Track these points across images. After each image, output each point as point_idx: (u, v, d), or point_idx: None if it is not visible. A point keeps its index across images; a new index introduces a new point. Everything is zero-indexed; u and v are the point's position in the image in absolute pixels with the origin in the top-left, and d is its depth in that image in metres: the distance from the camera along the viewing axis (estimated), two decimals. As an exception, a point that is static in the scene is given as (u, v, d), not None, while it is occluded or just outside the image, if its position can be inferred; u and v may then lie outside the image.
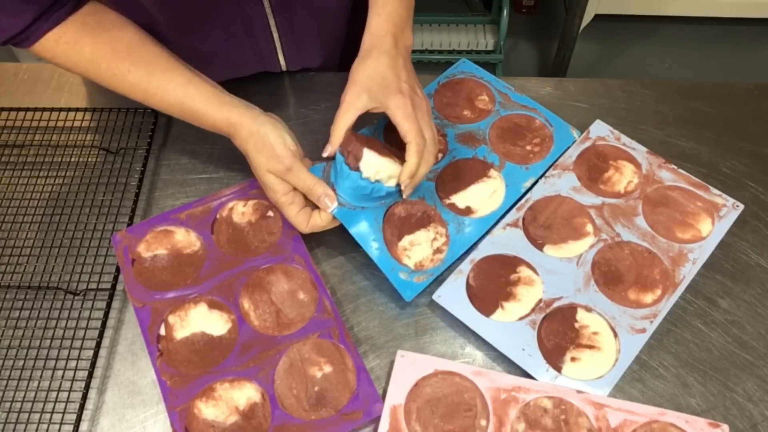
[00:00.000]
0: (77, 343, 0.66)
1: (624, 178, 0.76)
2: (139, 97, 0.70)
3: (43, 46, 0.67)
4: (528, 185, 0.76)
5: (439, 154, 0.77)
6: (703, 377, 0.65)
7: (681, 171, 0.76)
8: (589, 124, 0.80)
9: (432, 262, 0.70)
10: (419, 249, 0.70)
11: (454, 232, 0.72)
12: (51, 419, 0.62)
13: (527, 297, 0.68)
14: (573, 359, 0.64)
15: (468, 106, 0.82)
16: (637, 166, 0.77)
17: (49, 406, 0.63)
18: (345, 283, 0.71)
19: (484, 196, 0.75)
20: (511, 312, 0.67)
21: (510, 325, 0.66)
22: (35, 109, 0.83)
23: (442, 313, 0.68)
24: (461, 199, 0.74)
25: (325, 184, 0.67)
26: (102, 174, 0.78)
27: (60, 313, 0.68)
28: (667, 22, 2.17)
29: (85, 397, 0.63)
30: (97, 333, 0.67)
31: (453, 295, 0.68)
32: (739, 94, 0.86)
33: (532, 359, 0.64)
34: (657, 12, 2.10)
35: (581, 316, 0.67)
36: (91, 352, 0.65)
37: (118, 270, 0.70)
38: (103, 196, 0.76)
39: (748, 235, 0.73)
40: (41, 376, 0.65)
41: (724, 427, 0.60)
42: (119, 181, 0.78)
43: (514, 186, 0.76)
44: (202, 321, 0.66)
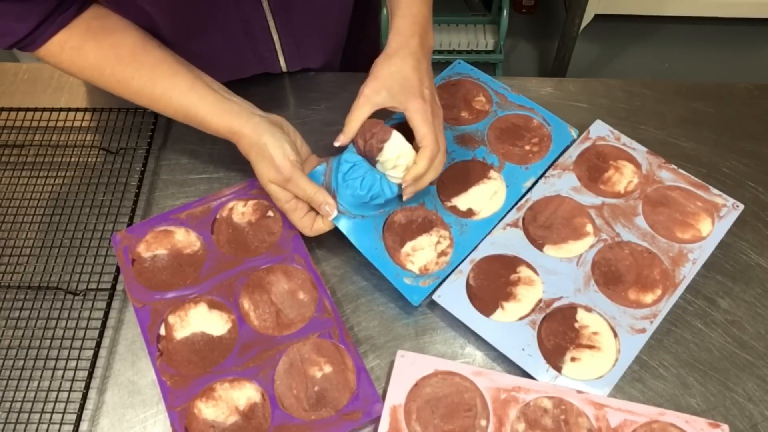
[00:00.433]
0: (77, 343, 0.66)
1: (624, 178, 0.76)
2: (145, 103, 0.71)
3: (48, 50, 0.68)
4: (528, 185, 0.76)
5: None
6: (703, 377, 0.65)
7: (681, 171, 0.76)
8: (589, 124, 0.80)
9: (437, 265, 0.70)
10: (422, 253, 0.70)
11: (458, 234, 0.72)
12: (51, 419, 0.62)
13: (527, 297, 0.68)
14: (573, 359, 0.64)
15: (465, 107, 0.82)
16: (637, 166, 0.77)
17: (49, 406, 0.63)
18: (345, 283, 0.71)
19: (485, 197, 0.75)
20: (511, 312, 0.67)
21: (510, 325, 0.66)
22: (35, 109, 0.83)
23: (442, 313, 0.68)
24: (463, 201, 0.74)
25: (326, 192, 0.68)
26: (102, 174, 0.78)
27: (60, 313, 0.68)
28: (667, 22, 2.17)
29: (85, 397, 0.63)
30: (97, 333, 0.67)
31: (453, 295, 0.68)
32: (740, 94, 0.86)
33: (532, 359, 0.64)
34: (657, 12, 2.10)
35: (581, 316, 0.67)
36: (91, 352, 0.65)
37: (118, 270, 0.70)
38: (103, 196, 0.76)
39: (748, 235, 0.73)
40: (41, 376, 0.65)
41: (724, 427, 0.60)
42: (119, 181, 0.78)
43: (515, 186, 0.76)
44: (202, 321, 0.66)
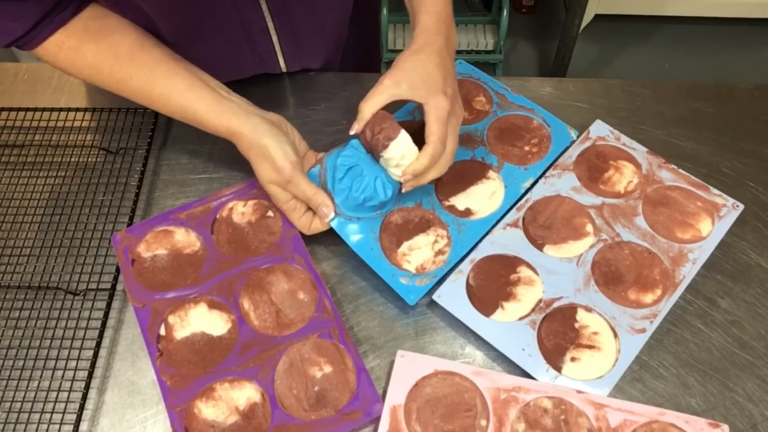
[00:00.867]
0: (77, 343, 0.66)
1: (624, 178, 0.76)
2: (144, 102, 0.71)
3: (46, 50, 0.68)
4: (527, 186, 0.76)
5: None
6: (703, 377, 0.65)
7: (681, 171, 0.76)
8: (589, 124, 0.80)
9: (434, 264, 0.70)
10: (419, 253, 0.70)
11: (456, 233, 0.72)
12: (51, 419, 0.62)
13: (527, 297, 0.68)
14: (573, 359, 0.64)
15: (465, 107, 0.82)
16: (637, 166, 0.77)
17: (49, 406, 0.63)
18: (345, 283, 0.71)
19: (483, 197, 0.75)
20: (511, 312, 0.67)
21: (510, 325, 0.66)
22: (35, 109, 0.83)
23: (442, 313, 0.68)
24: (461, 200, 0.74)
25: (324, 193, 0.68)
26: (102, 174, 0.78)
27: (60, 313, 0.68)
28: (667, 22, 2.17)
29: (85, 397, 0.63)
30: (97, 333, 0.67)
31: (453, 295, 0.68)
32: (739, 94, 0.85)
33: (532, 359, 0.64)
34: (657, 12, 2.10)
35: (581, 316, 0.67)
36: (91, 352, 0.65)
37: (118, 270, 0.70)
38: (103, 196, 0.76)
39: (748, 235, 0.73)
40: (41, 376, 0.65)
41: (724, 427, 0.60)
42: (119, 181, 0.78)
43: (513, 187, 0.76)
44: (202, 321, 0.66)
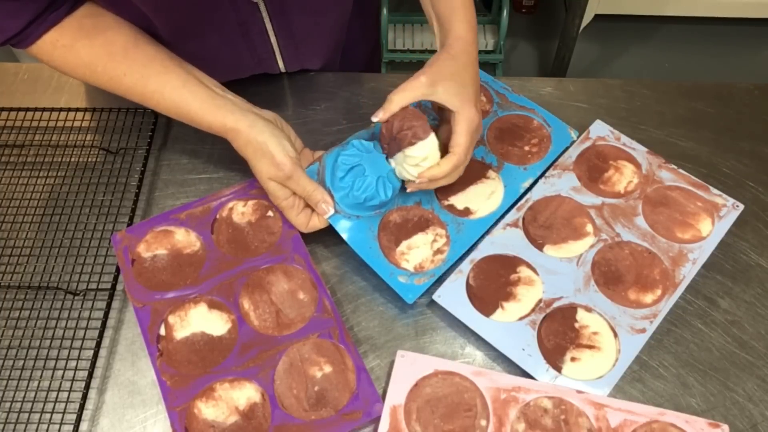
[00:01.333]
0: (77, 343, 0.66)
1: (624, 178, 0.76)
2: (137, 100, 0.70)
3: (40, 48, 0.68)
4: (526, 186, 0.76)
5: None
6: (703, 377, 0.65)
7: (681, 171, 0.76)
8: (589, 124, 0.80)
9: (433, 263, 0.70)
10: (417, 251, 0.70)
11: (455, 232, 0.72)
12: (51, 419, 0.62)
13: (527, 297, 0.68)
14: (573, 359, 0.64)
15: (467, 106, 0.82)
16: (637, 166, 0.77)
17: (49, 406, 0.63)
18: (345, 283, 0.71)
19: (482, 196, 0.75)
20: (511, 312, 0.67)
21: (510, 325, 0.66)
22: (35, 109, 0.82)
23: (442, 313, 0.68)
24: (460, 200, 0.74)
25: (323, 190, 0.68)
26: (102, 174, 0.78)
27: (60, 313, 0.68)
28: (667, 22, 2.17)
29: (85, 397, 0.63)
30: (97, 333, 0.67)
31: (453, 295, 0.68)
32: (739, 94, 0.85)
33: (532, 359, 0.64)
34: (657, 12, 2.10)
35: (581, 316, 0.67)
36: (91, 352, 0.65)
37: (118, 270, 0.70)
38: (103, 196, 0.76)
39: (748, 235, 0.73)
40: (41, 376, 0.65)
41: (724, 427, 0.60)
42: (119, 181, 0.78)
43: (513, 186, 0.76)
44: (202, 321, 0.66)
